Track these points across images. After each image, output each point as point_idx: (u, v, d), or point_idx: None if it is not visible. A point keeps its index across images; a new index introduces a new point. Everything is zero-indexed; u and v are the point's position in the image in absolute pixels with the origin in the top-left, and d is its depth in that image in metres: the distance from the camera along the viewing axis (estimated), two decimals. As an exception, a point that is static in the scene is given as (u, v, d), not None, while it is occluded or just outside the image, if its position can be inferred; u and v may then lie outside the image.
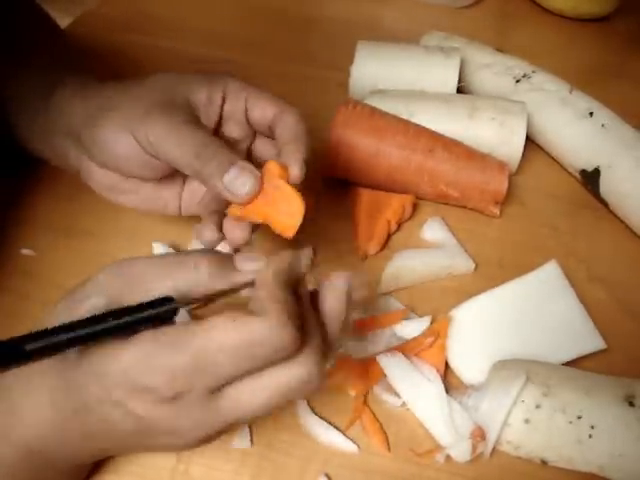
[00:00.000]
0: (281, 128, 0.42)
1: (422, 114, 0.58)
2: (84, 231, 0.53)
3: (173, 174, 0.44)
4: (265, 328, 0.30)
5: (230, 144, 0.44)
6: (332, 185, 0.58)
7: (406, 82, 0.63)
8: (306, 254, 0.35)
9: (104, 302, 0.32)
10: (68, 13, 0.75)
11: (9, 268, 0.50)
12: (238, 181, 0.39)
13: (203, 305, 0.40)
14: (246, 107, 0.44)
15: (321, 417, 0.42)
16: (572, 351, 0.46)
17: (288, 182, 0.40)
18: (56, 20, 0.57)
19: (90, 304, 0.32)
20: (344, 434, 0.42)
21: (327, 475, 0.40)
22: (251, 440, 0.41)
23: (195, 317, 0.44)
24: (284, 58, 0.72)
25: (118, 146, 0.42)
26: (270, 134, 0.44)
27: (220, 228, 0.43)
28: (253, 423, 0.42)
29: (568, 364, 0.45)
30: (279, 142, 0.42)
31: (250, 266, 0.34)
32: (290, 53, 0.73)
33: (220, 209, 0.44)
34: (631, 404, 0.40)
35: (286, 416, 0.42)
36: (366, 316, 0.47)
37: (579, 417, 0.39)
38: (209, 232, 0.43)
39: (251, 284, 0.34)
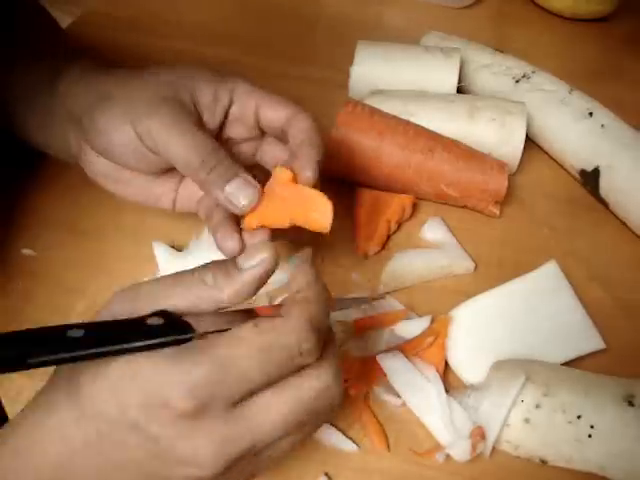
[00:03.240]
0: (295, 131, 0.42)
1: (422, 114, 0.58)
2: (85, 231, 0.53)
3: (169, 170, 0.44)
4: (286, 329, 0.30)
5: (235, 146, 0.45)
6: (332, 185, 0.58)
7: (406, 82, 0.63)
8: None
9: None
10: (68, 13, 0.75)
11: (10, 268, 0.50)
12: (240, 192, 0.40)
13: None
14: (257, 109, 0.44)
15: (321, 417, 0.42)
16: (572, 351, 0.46)
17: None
18: (56, 20, 0.57)
19: None
20: (344, 434, 0.42)
21: (327, 475, 0.40)
22: (251, 440, 0.41)
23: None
24: (284, 58, 0.72)
25: (116, 135, 0.42)
26: (282, 137, 0.44)
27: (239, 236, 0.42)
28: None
29: (568, 364, 0.45)
30: (293, 145, 0.42)
31: (253, 260, 0.33)
32: (290, 53, 0.73)
33: (226, 216, 0.43)
34: (630, 404, 0.40)
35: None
36: (366, 316, 0.47)
37: (579, 417, 0.40)
38: (232, 242, 0.41)
39: (262, 282, 0.33)
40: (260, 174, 0.43)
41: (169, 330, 0.30)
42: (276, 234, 0.42)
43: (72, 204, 0.54)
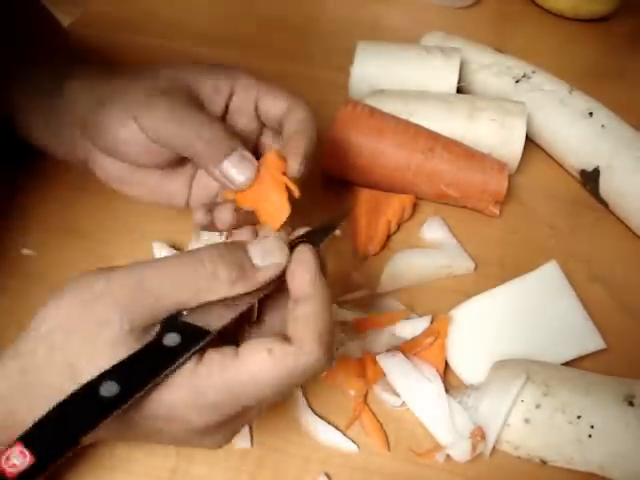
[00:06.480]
0: (289, 122, 0.43)
1: (422, 114, 0.58)
2: (84, 231, 0.53)
3: (179, 163, 0.44)
4: (306, 362, 0.31)
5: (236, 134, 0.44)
6: (332, 185, 0.58)
7: (406, 82, 0.63)
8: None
9: (127, 327, 0.30)
10: (68, 13, 0.75)
11: (9, 268, 0.50)
12: (236, 169, 0.39)
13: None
14: (257, 101, 0.44)
15: (321, 417, 0.42)
16: (572, 351, 0.46)
17: (285, 174, 0.40)
18: (59, 20, 0.57)
19: (112, 333, 0.30)
20: (344, 434, 0.42)
21: (327, 475, 0.40)
22: (251, 440, 0.41)
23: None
24: (284, 58, 0.72)
25: (121, 131, 0.42)
26: (280, 129, 0.44)
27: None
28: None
29: (568, 364, 0.45)
30: (284, 136, 0.43)
31: (270, 260, 0.34)
32: (290, 53, 0.73)
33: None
34: (631, 404, 0.40)
35: (286, 416, 0.43)
36: (366, 316, 0.47)
37: (579, 417, 0.39)
38: (200, 214, 0.42)
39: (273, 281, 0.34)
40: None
41: (187, 345, 0.31)
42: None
43: (72, 204, 0.54)
